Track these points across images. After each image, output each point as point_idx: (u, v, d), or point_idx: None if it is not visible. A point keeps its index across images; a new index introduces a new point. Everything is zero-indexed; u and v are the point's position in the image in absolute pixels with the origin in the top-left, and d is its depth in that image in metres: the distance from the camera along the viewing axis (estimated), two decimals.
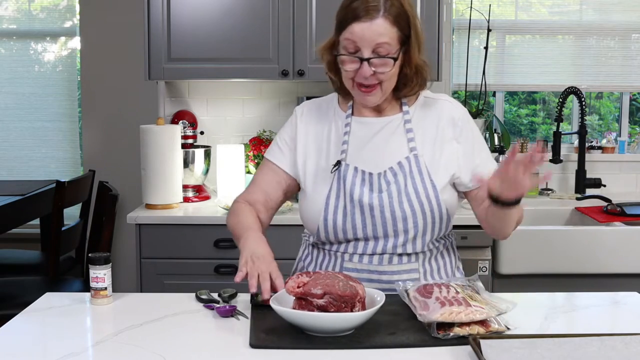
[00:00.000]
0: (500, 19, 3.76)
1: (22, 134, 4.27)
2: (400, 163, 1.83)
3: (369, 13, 1.73)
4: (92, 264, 1.80)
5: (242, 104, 3.65)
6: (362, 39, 1.74)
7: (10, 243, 4.06)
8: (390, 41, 1.75)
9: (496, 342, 1.47)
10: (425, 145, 1.86)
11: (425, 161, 1.84)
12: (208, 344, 1.55)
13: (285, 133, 1.97)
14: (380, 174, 1.83)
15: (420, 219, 1.81)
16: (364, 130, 1.89)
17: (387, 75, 1.78)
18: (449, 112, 1.89)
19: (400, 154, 1.85)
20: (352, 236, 1.84)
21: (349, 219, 1.82)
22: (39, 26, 4.23)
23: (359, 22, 1.74)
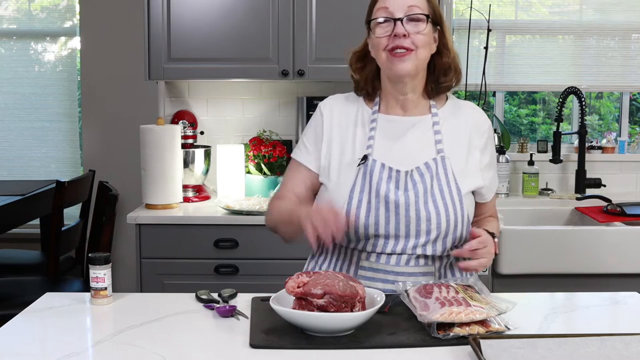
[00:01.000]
0: (501, 19, 3.76)
1: (22, 134, 4.27)
2: (427, 163, 1.83)
3: None
4: (92, 264, 1.80)
5: (242, 104, 3.65)
6: (394, 3, 1.78)
7: (10, 243, 4.06)
8: (421, 6, 1.80)
9: (496, 342, 1.47)
10: (453, 148, 1.86)
11: (451, 164, 1.84)
12: (208, 344, 1.55)
13: (309, 130, 1.96)
14: (407, 172, 1.82)
15: (443, 221, 1.79)
16: (391, 128, 1.88)
17: (421, 40, 1.79)
18: (477, 121, 1.91)
19: (427, 154, 1.84)
20: (373, 232, 1.80)
21: (373, 214, 1.79)
22: (39, 26, 4.23)
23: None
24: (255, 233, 2.99)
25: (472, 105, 1.97)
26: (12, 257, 3.80)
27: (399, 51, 1.79)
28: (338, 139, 1.90)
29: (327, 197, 1.86)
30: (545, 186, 3.65)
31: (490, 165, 1.92)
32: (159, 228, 3.01)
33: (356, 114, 1.92)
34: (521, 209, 3.46)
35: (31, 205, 3.67)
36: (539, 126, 4.12)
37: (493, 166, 1.94)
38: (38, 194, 3.72)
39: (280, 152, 3.35)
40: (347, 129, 1.90)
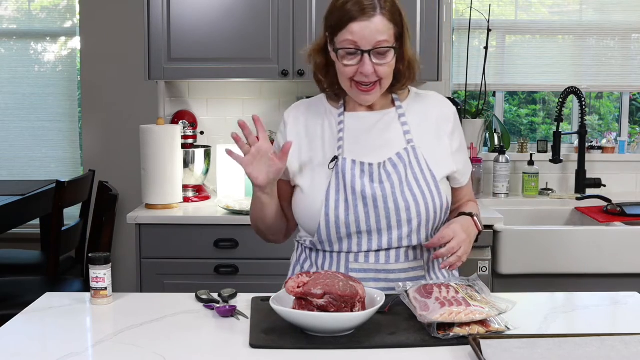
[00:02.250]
0: (500, 19, 3.76)
1: (22, 134, 4.27)
2: (399, 154, 1.85)
3: (367, 12, 1.75)
4: (92, 264, 1.80)
5: (242, 104, 3.65)
6: (363, 38, 1.76)
7: (11, 243, 4.06)
8: (388, 38, 1.78)
9: (496, 342, 1.47)
10: (422, 138, 1.88)
11: (422, 153, 1.86)
12: (208, 344, 1.55)
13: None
14: (380, 164, 1.84)
15: (422, 208, 1.81)
16: (358, 125, 1.90)
17: (386, 71, 1.80)
18: (441, 108, 1.94)
19: (398, 145, 1.86)
20: (355, 229, 1.81)
21: (352, 212, 1.80)
22: (39, 26, 4.23)
23: (357, 22, 1.75)
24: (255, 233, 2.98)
25: (435, 94, 1.99)
26: (12, 257, 3.80)
27: (363, 86, 1.81)
28: (307, 143, 1.92)
29: (303, 201, 1.88)
30: (545, 186, 3.65)
31: (460, 149, 1.94)
32: (159, 228, 3.01)
33: (323, 117, 1.94)
34: (521, 209, 3.46)
35: (31, 205, 3.67)
36: (539, 126, 4.12)
37: (463, 150, 1.97)
38: (38, 194, 3.72)
39: None
40: (315, 133, 1.92)
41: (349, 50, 1.78)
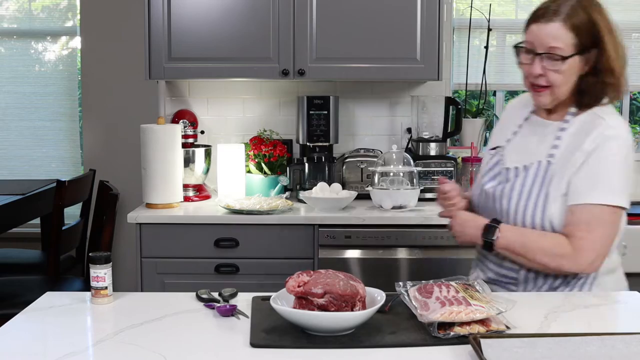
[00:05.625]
0: (501, 19, 3.76)
1: (22, 133, 4.28)
2: (531, 164, 1.92)
3: (547, 15, 1.84)
4: (93, 263, 1.80)
5: (242, 104, 3.65)
6: (536, 39, 1.85)
7: (11, 242, 4.06)
8: (563, 46, 1.82)
9: (496, 341, 1.47)
10: (564, 156, 1.88)
11: (553, 170, 1.88)
12: (208, 344, 1.55)
13: None
14: (511, 168, 1.95)
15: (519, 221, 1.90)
16: (532, 129, 2.00)
17: (556, 78, 1.84)
18: (598, 129, 1.85)
19: (536, 157, 1.92)
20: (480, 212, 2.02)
21: (476, 197, 2.05)
22: (39, 25, 4.23)
23: (536, 23, 1.85)
24: (255, 232, 2.99)
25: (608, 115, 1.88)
26: (12, 257, 3.80)
27: (535, 87, 1.89)
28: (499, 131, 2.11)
29: None
30: None
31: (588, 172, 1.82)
32: (160, 227, 3.01)
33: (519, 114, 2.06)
34: None
35: (32, 205, 3.67)
36: None
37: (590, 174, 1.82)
38: (38, 193, 3.72)
39: (280, 151, 3.35)
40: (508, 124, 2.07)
41: (523, 49, 1.88)
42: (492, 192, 1.97)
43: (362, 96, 3.59)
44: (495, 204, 1.96)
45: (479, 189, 2.04)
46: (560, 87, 1.86)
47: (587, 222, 1.81)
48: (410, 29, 3.21)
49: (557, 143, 1.90)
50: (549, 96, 1.88)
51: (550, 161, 1.88)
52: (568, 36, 1.82)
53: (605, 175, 1.82)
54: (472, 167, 3.44)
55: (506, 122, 2.10)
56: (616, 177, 1.83)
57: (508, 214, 1.92)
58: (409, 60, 3.21)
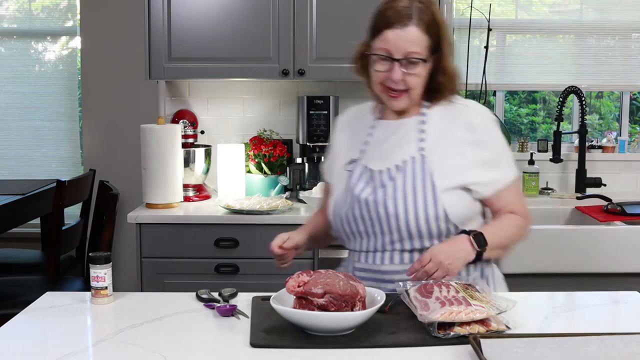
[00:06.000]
0: (501, 19, 3.76)
1: (22, 133, 4.27)
2: (405, 161, 1.87)
3: (402, 21, 1.79)
4: (93, 263, 1.80)
5: (242, 104, 3.65)
6: (395, 46, 1.81)
7: (11, 242, 4.06)
8: (420, 50, 1.81)
9: (496, 341, 1.47)
10: (436, 146, 1.87)
11: (431, 162, 1.86)
12: (208, 344, 1.55)
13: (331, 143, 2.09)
14: (381, 171, 1.88)
15: (412, 219, 1.83)
16: (384, 131, 1.95)
17: (415, 82, 1.83)
18: (469, 117, 1.89)
19: (407, 153, 1.88)
20: (355, 228, 1.90)
21: (350, 212, 1.90)
22: (39, 25, 4.23)
23: (391, 29, 1.80)
24: (255, 232, 2.99)
25: (471, 102, 1.97)
26: (12, 257, 3.80)
27: (392, 92, 1.86)
28: (344, 148, 2.01)
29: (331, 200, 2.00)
30: (545, 185, 3.65)
31: (485, 160, 1.88)
32: (160, 227, 3.01)
33: (359, 124, 2.01)
34: None
35: (32, 205, 3.67)
36: (539, 125, 4.12)
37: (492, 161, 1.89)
38: (38, 193, 3.72)
39: (280, 151, 3.35)
40: (350, 139, 2.01)
41: (380, 57, 1.82)
42: (372, 198, 1.86)
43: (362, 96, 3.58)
44: (378, 209, 1.85)
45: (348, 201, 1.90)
46: (417, 90, 1.85)
47: (515, 197, 1.95)
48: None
49: (423, 136, 1.88)
50: (406, 99, 1.86)
51: (423, 155, 1.86)
52: (423, 39, 1.81)
53: (503, 155, 1.93)
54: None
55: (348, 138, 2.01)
56: (507, 152, 1.95)
57: (397, 215, 1.83)
58: None
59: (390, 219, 1.84)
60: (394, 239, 1.86)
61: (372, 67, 1.86)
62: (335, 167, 2.01)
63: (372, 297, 1.64)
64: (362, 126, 2.00)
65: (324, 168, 2.12)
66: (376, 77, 1.86)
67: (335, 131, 2.08)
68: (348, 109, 2.10)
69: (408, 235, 1.85)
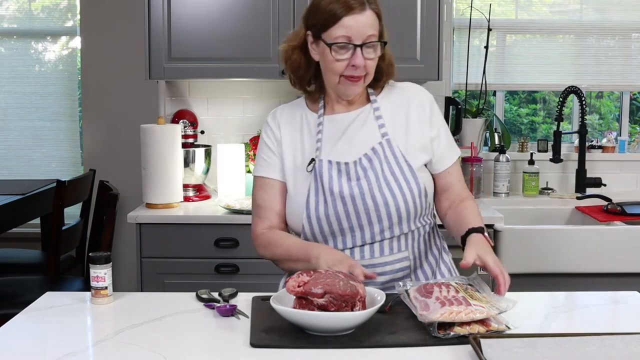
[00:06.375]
0: (501, 19, 3.76)
1: (22, 133, 4.28)
2: (374, 149, 1.87)
3: (357, 7, 1.80)
4: (93, 263, 1.80)
5: (242, 104, 3.66)
6: (356, 32, 1.79)
7: (11, 242, 4.06)
8: (376, 32, 1.83)
9: (496, 341, 1.47)
10: (397, 129, 1.91)
11: (398, 144, 1.88)
12: (208, 344, 1.55)
13: (263, 144, 1.99)
14: (355, 162, 1.87)
15: (401, 201, 1.84)
16: (336, 126, 1.93)
17: (372, 66, 1.84)
18: (417, 96, 1.96)
19: (373, 140, 1.89)
20: (337, 227, 1.85)
21: (332, 212, 1.85)
22: (39, 26, 4.23)
23: (350, 16, 1.79)
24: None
25: (411, 84, 2.01)
26: (12, 257, 3.80)
27: (352, 79, 1.84)
28: (289, 148, 1.94)
29: (289, 203, 1.93)
30: (545, 185, 3.65)
31: (439, 135, 1.94)
32: (160, 227, 3.01)
33: (302, 122, 1.96)
34: (521, 209, 3.46)
35: (32, 205, 3.67)
36: (539, 125, 4.12)
37: (443, 136, 1.95)
38: (38, 193, 3.72)
39: None
40: (295, 138, 1.95)
41: (341, 45, 1.80)
42: (356, 192, 1.83)
43: None
44: (365, 201, 1.83)
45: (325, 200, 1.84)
46: (371, 75, 1.87)
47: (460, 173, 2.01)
48: (410, 29, 3.21)
49: (381, 122, 1.90)
50: (362, 84, 1.86)
51: (388, 139, 1.88)
52: (376, 22, 1.82)
53: (448, 132, 1.99)
54: (473, 167, 3.45)
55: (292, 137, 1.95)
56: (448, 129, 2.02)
57: (386, 202, 1.82)
58: (409, 60, 3.21)
59: (380, 208, 1.83)
60: (384, 227, 1.85)
61: (332, 57, 1.81)
62: (287, 167, 1.93)
63: (372, 297, 1.64)
64: (305, 124, 1.95)
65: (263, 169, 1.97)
66: (335, 68, 1.82)
67: (271, 130, 1.97)
68: (278, 109, 2.01)
69: (398, 220, 1.85)
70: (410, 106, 1.93)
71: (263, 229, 1.94)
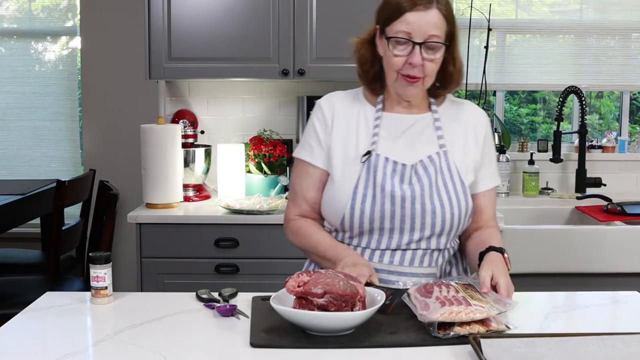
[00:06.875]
0: (501, 18, 3.76)
1: (22, 133, 4.27)
2: (430, 157, 1.86)
3: (424, 3, 1.76)
4: (93, 263, 1.80)
5: (242, 104, 3.65)
6: (417, 29, 1.76)
7: (11, 242, 4.06)
8: (441, 34, 1.78)
9: (496, 341, 1.47)
10: (454, 144, 1.89)
11: (454, 159, 1.87)
12: (208, 344, 1.55)
13: (311, 127, 1.94)
14: (412, 165, 1.84)
15: (448, 214, 1.82)
16: (394, 125, 1.90)
17: (432, 69, 1.80)
18: (476, 116, 1.95)
19: (430, 149, 1.87)
20: (378, 225, 1.82)
21: (378, 208, 1.81)
22: (39, 25, 4.23)
23: (413, 12, 1.76)
24: (255, 232, 2.99)
25: (471, 103, 2.00)
26: (12, 257, 3.80)
27: (409, 78, 1.81)
28: (341, 135, 1.90)
29: (331, 191, 1.88)
30: (545, 185, 3.65)
31: (487, 158, 1.94)
32: (160, 227, 3.01)
33: (358, 112, 1.92)
34: (521, 208, 3.46)
35: (32, 205, 3.66)
36: (539, 125, 4.12)
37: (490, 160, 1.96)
38: (38, 193, 3.72)
39: (280, 151, 3.35)
40: (349, 126, 1.91)
41: (400, 40, 1.77)
42: (408, 194, 1.81)
43: None
44: (414, 206, 1.80)
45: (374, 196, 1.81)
46: (432, 77, 1.83)
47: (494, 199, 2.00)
48: None
49: (440, 133, 1.88)
50: (420, 87, 1.83)
51: (445, 151, 1.86)
52: (443, 24, 1.78)
53: (494, 158, 1.99)
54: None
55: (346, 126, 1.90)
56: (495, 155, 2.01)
57: (434, 211, 1.80)
58: None
59: (427, 215, 1.81)
60: (423, 236, 1.82)
61: (390, 52, 1.79)
62: (335, 156, 1.89)
63: (372, 297, 1.63)
64: (362, 115, 1.91)
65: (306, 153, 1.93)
66: (393, 63, 1.80)
67: (323, 115, 1.92)
68: (333, 94, 1.97)
69: (440, 232, 1.83)
70: (468, 124, 1.92)
71: (295, 216, 1.95)
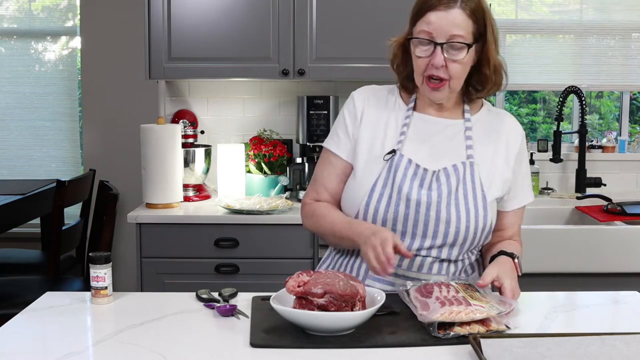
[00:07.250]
0: (501, 18, 3.76)
1: (22, 133, 4.28)
2: (455, 166, 1.80)
3: (446, 2, 1.72)
4: (93, 263, 1.80)
5: (242, 104, 3.65)
6: (438, 29, 1.72)
7: (11, 242, 4.06)
8: (465, 34, 1.73)
9: (496, 341, 1.47)
10: (483, 156, 1.84)
11: (480, 171, 1.81)
12: (208, 344, 1.55)
13: (342, 118, 1.92)
14: (434, 172, 1.80)
15: (463, 226, 1.77)
16: (424, 127, 1.86)
17: (457, 70, 1.75)
18: (512, 129, 1.89)
19: (456, 158, 1.82)
20: (390, 226, 1.79)
21: (392, 209, 1.78)
22: (39, 25, 4.23)
23: (435, 11, 1.72)
24: (255, 232, 2.99)
25: (510, 116, 1.94)
26: (12, 257, 3.80)
27: (433, 80, 1.77)
28: (370, 130, 1.87)
29: (351, 184, 1.86)
30: (545, 185, 3.65)
31: (520, 174, 1.89)
32: (160, 227, 3.01)
33: (390, 109, 1.89)
34: None
35: (32, 205, 3.67)
36: (539, 125, 4.12)
37: (524, 177, 1.91)
38: (38, 193, 3.72)
39: (280, 151, 3.35)
40: (379, 122, 1.87)
41: (422, 41, 1.74)
42: (424, 200, 1.77)
43: None
44: (429, 212, 1.76)
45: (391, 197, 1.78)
46: (459, 79, 1.78)
47: (521, 218, 1.97)
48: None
49: (470, 143, 1.83)
50: (446, 90, 1.78)
51: (472, 162, 1.81)
52: (468, 23, 1.73)
53: (529, 174, 1.95)
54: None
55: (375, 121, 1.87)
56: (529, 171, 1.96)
57: (449, 221, 1.76)
58: None
59: (441, 224, 1.76)
60: (435, 244, 1.78)
61: (413, 52, 1.77)
62: (361, 150, 1.86)
63: (372, 297, 1.63)
64: (392, 113, 1.88)
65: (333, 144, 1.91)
66: (417, 65, 1.77)
67: (355, 107, 1.89)
68: (369, 88, 1.93)
69: (452, 242, 1.78)
70: (501, 137, 1.86)
71: (310, 200, 1.92)
